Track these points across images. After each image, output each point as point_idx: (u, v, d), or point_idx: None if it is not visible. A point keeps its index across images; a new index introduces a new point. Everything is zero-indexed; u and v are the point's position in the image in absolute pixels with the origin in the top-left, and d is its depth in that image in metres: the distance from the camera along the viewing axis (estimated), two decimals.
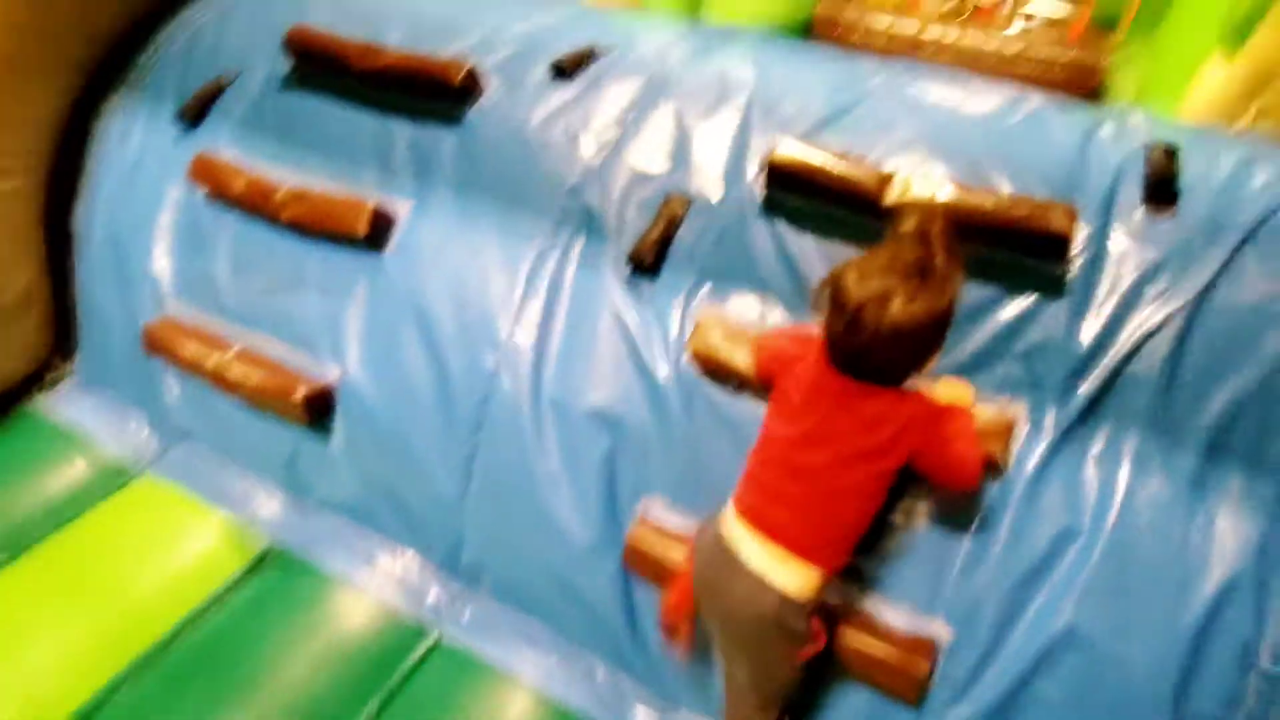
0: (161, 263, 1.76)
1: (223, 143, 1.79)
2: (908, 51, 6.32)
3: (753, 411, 1.26)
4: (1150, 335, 1.15)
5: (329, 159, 1.69)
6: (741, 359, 1.27)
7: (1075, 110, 1.61)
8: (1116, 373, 1.15)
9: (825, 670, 1.20)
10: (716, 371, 1.30)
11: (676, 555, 1.24)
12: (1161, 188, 1.26)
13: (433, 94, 1.63)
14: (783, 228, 1.38)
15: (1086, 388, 1.16)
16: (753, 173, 1.43)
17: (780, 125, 1.47)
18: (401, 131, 1.66)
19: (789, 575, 1.07)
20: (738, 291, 1.37)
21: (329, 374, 1.55)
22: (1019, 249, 1.23)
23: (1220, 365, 1.13)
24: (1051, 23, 7.97)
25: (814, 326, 1.10)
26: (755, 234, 1.39)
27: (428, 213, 1.58)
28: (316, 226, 1.57)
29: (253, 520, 1.68)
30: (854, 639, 1.18)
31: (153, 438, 1.83)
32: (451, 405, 1.45)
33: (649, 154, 1.51)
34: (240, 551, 1.63)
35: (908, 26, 6.55)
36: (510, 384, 1.41)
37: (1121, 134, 1.43)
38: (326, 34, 1.74)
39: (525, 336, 1.42)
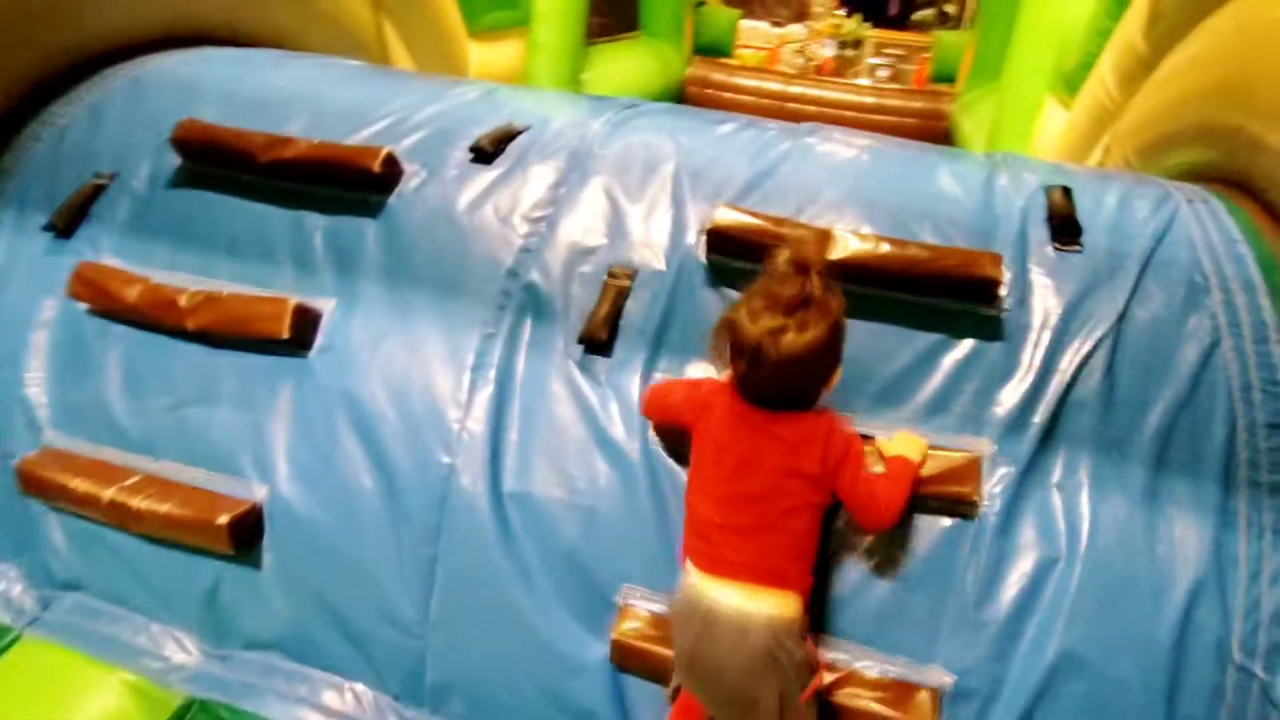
0: (36, 390, 1.58)
1: (104, 251, 1.65)
2: (776, 107, 6.85)
3: None
4: (1086, 361, 1.27)
5: (236, 261, 1.60)
6: None
7: (967, 159, 1.78)
8: (1062, 401, 1.25)
9: None
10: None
11: (666, 645, 1.21)
12: (1066, 226, 1.41)
13: (351, 183, 1.59)
14: (728, 292, 1.43)
15: (1039, 418, 1.25)
16: (691, 240, 1.48)
17: (710, 192, 1.53)
18: (317, 225, 1.60)
19: (767, 604, 1.07)
20: (693, 361, 1.39)
21: (254, 494, 1.42)
22: (954, 296, 1.33)
23: (1148, 381, 1.25)
24: (894, 75, 8.87)
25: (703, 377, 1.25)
26: (702, 300, 1.43)
27: (355, 308, 1.51)
28: (231, 331, 1.47)
29: (165, 673, 1.48)
30: (857, 701, 1.18)
31: (30, 594, 1.60)
32: (404, 512, 1.36)
33: (585, 229, 1.53)
34: (154, 711, 1.44)
35: (773, 84, 7.13)
36: (468, 482, 1.35)
37: (1016, 179, 1.59)
38: (222, 128, 1.67)
39: (478, 429, 1.37)
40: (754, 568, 1.08)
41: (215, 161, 1.67)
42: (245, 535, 1.39)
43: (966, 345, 1.32)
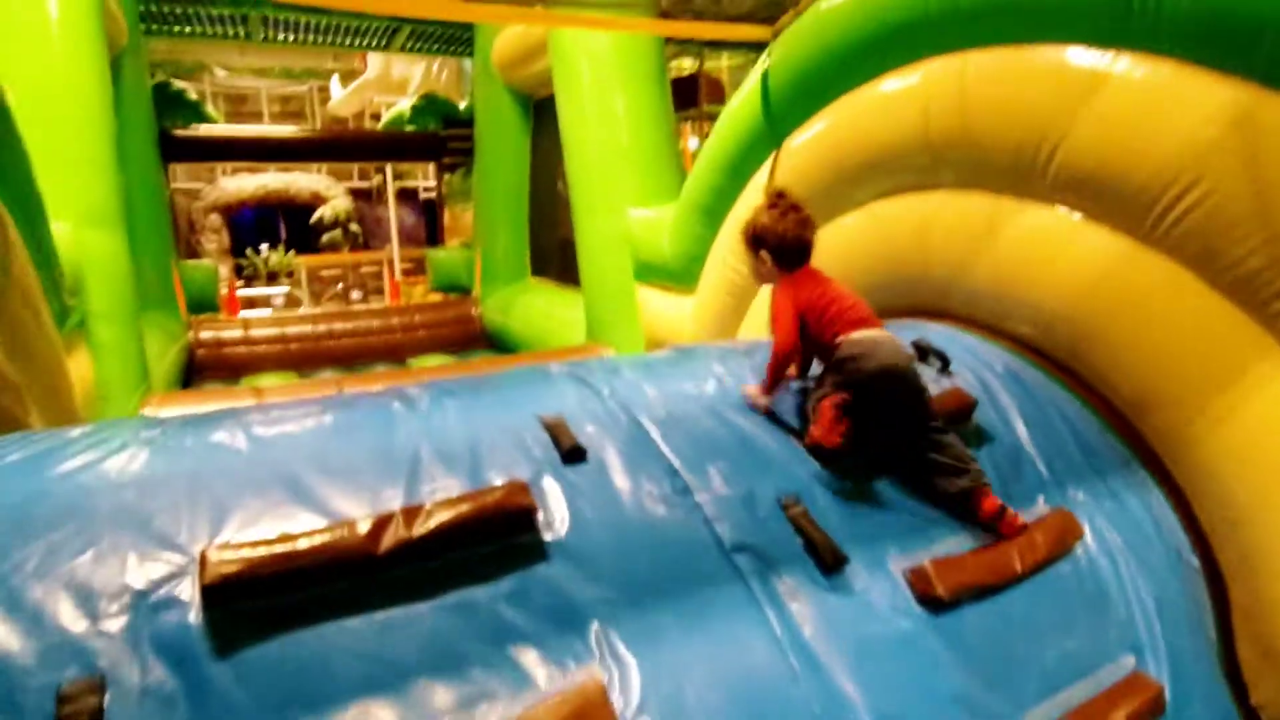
0: None
1: None
2: (313, 349, 6.73)
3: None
4: (1029, 431, 2.10)
5: (432, 677, 1.22)
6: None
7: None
8: (1040, 457, 2.05)
9: None
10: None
11: None
12: (944, 360, 2.26)
13: (500, 533, 1.41)
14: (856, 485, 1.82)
15: (1045, 472, 2.02)
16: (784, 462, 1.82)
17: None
18: (490, 595, 1.35)
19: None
20: (890, 535, 1.73)
21: None
22: (963, 420, 2.02)
23: (1046, 430, 2.15)
24: (366, 295, 9.64)
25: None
26: (844, 497, 1.78)
27: (616, 653, 1.35)
28: None
29: None
30: None
31: None
32: None
33: (720, 481, 1.70)
34: None
35: (304, 328, 6.97)
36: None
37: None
38: (270, 542, 1.27)
39: (821, 676, 1.42)
40: (875, 321, 1.91)
41: (291, 585, 1.24)
42: None
43: (989, 447, 2.02)
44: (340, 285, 10.87)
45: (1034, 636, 1.69)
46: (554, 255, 7.94)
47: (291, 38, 8.59)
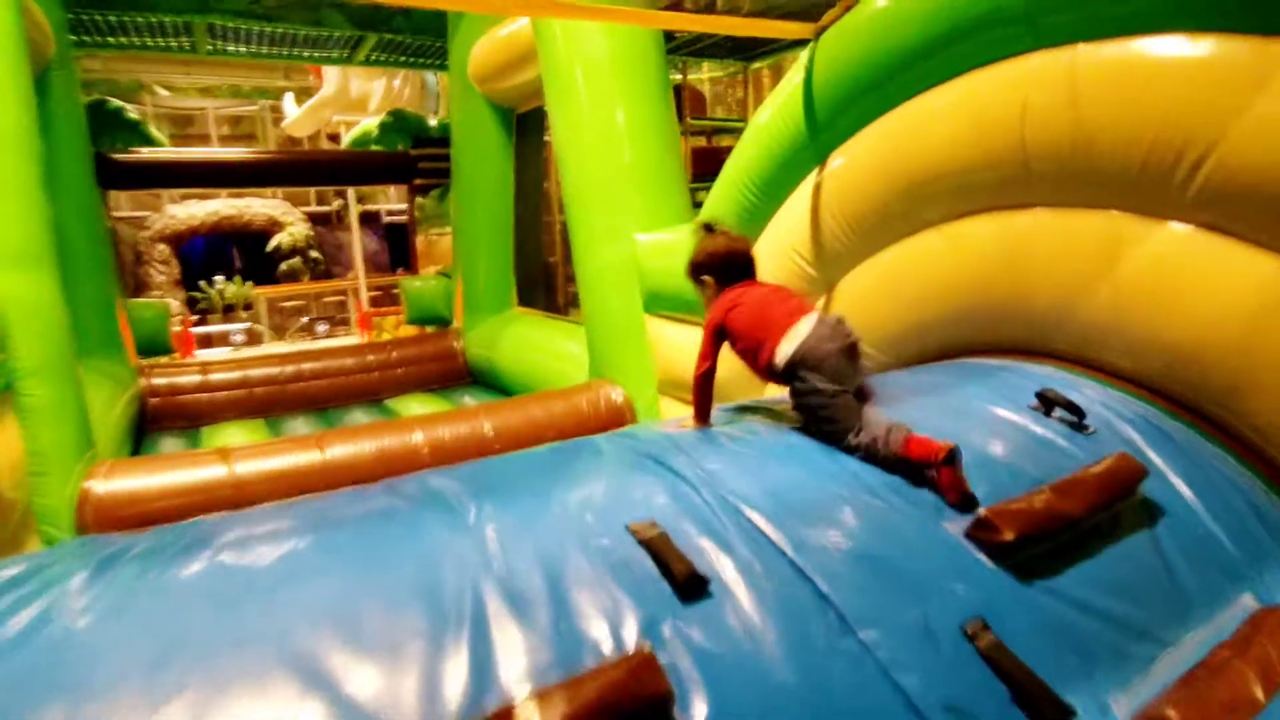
0: None
1: None
2: (278, 392, 6.14)
3: None
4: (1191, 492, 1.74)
5: None
6: None
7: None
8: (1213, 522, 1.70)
9: None
10: None
11: None
12: (1078, 413, 1.89)
13: None
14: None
15: (1228, 546, 1.65)
16: None
17: None
18: None
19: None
20: (1102, 656, 1.34)
21: None
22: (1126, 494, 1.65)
23: (1199, 472, 1.79)
24: (332, 329, 9.03)
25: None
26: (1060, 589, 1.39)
27: None
28: None
29: None
30: None
31: None
32: None
33: (883, 603, 1.30)
34: None
35: (273, 369, 6.37)
36: None
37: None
38: None
39: None
40: (802, 310, 1.88)
41: None
42: None
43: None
44: (306, 319, 10.21)
45: None
46: (542, 283, 7.48)
47: (243, 49, 8.02)
